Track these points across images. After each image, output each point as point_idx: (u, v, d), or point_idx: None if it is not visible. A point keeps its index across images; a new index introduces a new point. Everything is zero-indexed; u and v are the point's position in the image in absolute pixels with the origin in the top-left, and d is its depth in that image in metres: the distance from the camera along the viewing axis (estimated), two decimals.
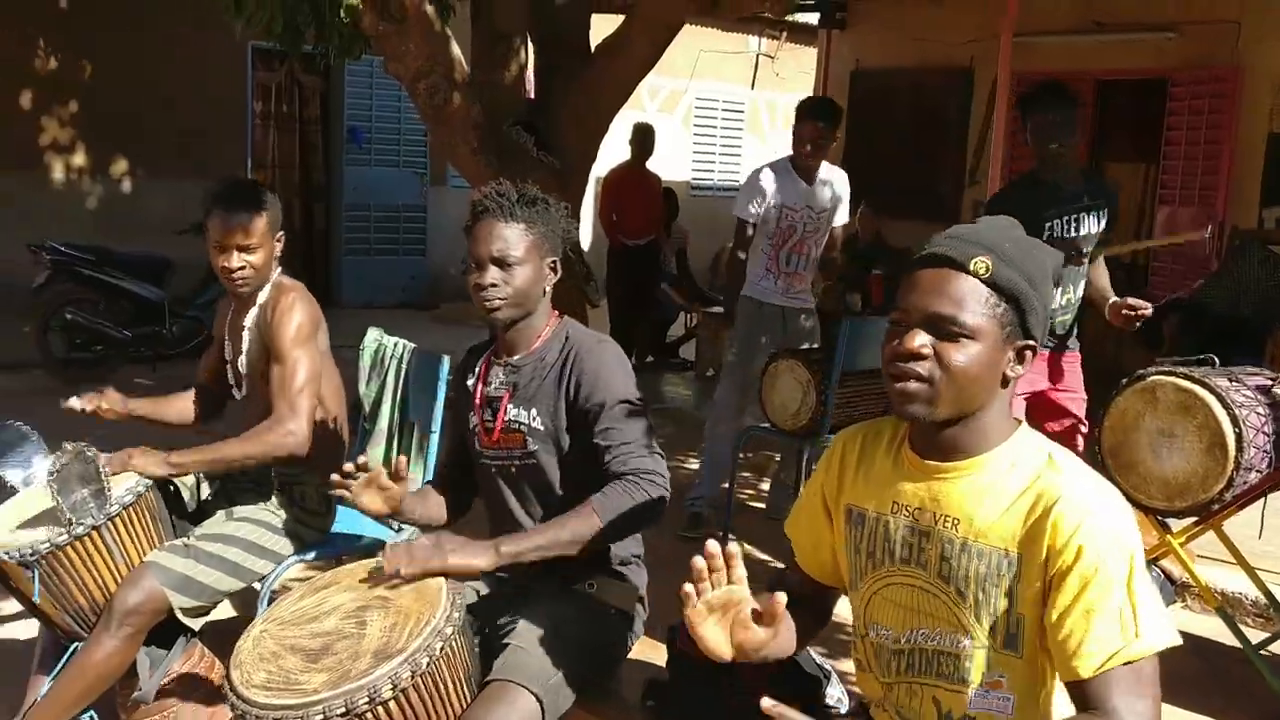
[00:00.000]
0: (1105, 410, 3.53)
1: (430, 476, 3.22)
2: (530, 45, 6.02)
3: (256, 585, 2.92)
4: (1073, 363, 4.02)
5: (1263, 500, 3.61)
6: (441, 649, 1.96)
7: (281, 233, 2.98)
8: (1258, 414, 3.21)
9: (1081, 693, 1.53)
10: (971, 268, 1.59)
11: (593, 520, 2.15)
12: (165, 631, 2.76)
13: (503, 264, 2.29)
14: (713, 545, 1.61)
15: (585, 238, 10.66)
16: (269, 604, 2.86)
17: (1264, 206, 7.47)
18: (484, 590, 2.37)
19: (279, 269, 3.02)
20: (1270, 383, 3.35)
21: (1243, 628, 3.73)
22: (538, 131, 5.84)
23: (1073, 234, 3.78)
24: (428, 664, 1.94)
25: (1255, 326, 6.36)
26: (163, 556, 2.74)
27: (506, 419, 2.34)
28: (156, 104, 9.36)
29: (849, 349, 4.33)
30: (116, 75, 9.29)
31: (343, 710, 1.87)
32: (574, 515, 2.16)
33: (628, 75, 5.95)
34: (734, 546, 1.63)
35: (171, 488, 2.94)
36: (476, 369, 2.46)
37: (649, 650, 2.70)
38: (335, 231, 10.89)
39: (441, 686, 1.99)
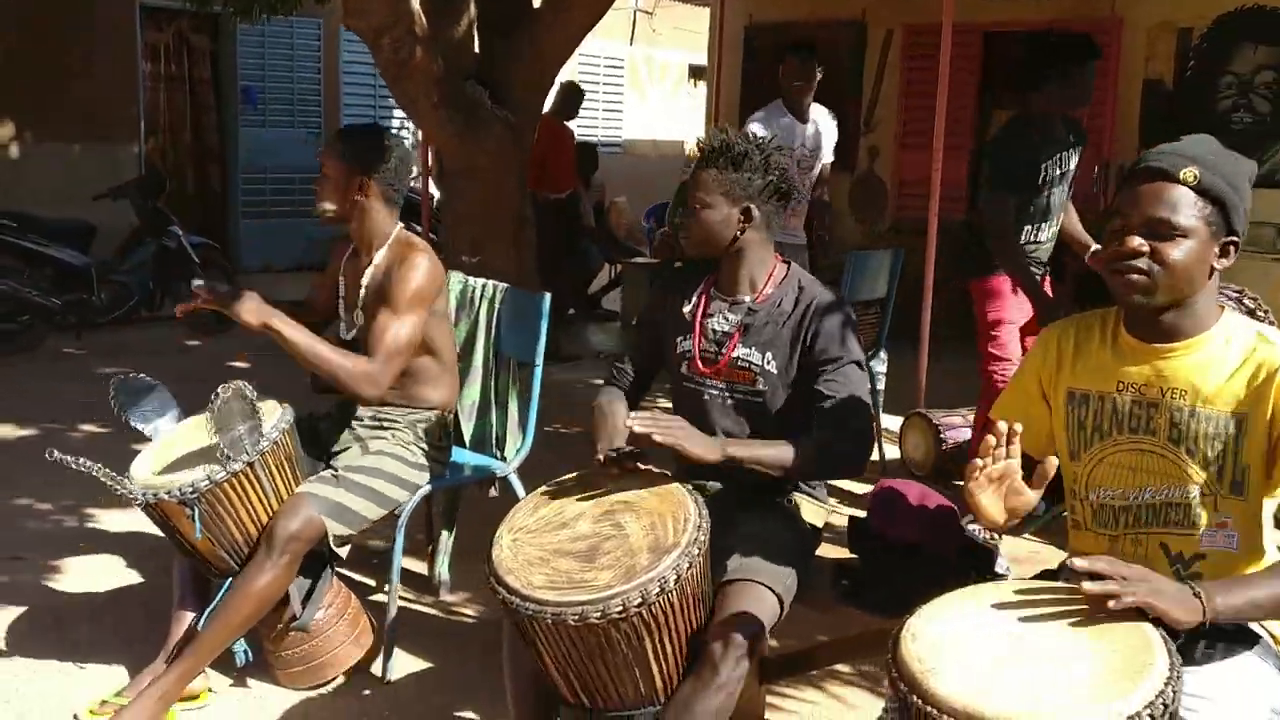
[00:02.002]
0: None
1: (517, 402, 3.41)
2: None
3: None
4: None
5: None
6: (704, 542, 2.18)
7: (370, 181, 3.05)
8: None
9: None
10: (1181, 176, 1.89)
11: (808, 458, 2.38)
12: (306, 563, 2.88)
13: (691, 206, 2.51)
14: (1002, 425, 1.87)
15: None
16: (403, 531, 3.03)
17: (1142, 148, 8.09)
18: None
19: (399, 224, 3.11)
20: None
21: None
22: (490, 86, 5.94)
23: (1060, 171, 4.16)
24: (698, 554, 2.15)
25: None
26: (316, 486, 2.86)
27: (734, 356, 2.53)
28: (45, 67, 8.94)
29: (851, 280, 4.65)
30: (1, 38, 8.83)
31: (639, 601, 2.08)
32: (793, 448, 2.38)
33: (574, 30, 6.11)
34: (1018, 425, 1.89)
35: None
36: (694, 297, 2.63)
37: None
38: (232, 194, 10.63)
39: (700, 578, 2.21)
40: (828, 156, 5.36)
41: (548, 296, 3.32)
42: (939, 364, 5.68)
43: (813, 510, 2.61)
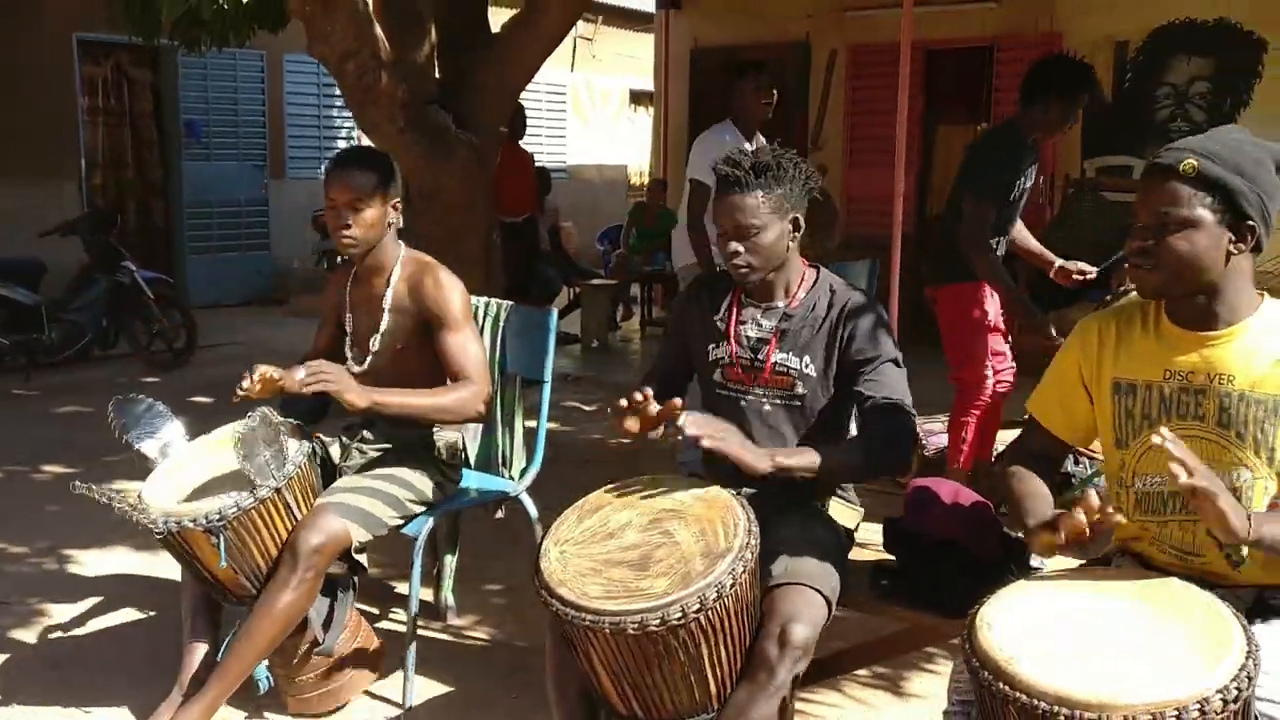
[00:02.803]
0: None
1: (522, 421, 3.40)
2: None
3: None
4: None
5: None
6: (755, 546, 2.18)
7: (399, 200, 3.03)
8: None
9: None
10: (1181, 169, 1.95)
11: (856, 460, 2.42)
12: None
13: (744, 235, 2.48)
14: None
15: None
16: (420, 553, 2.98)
17: (1085, 158, 8.35)
18: None
19: (401, 243, 3.08)
20: None
21: None
22: (452, 110, 5.94)
23: (1027, 185, 4.25)
24: (750, 558, 2.15)
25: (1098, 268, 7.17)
26: (334, 496, 2.83)
27: (774, 361, 2.53)
28: None
29: None
30: None
31: (697, 606, 2.08)
32: (840, 451, 2.41)
33: (534, 53, 6.12)
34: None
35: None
36: (723, 307, 2.63)
37: None
38: (177, 230, 10.46)
39: (751, 582, 2.20)
40: None
41: (554, 313, 3.31)
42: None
43: (844, 512, 2.62)
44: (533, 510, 3.26)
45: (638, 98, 15.07)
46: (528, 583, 2.90)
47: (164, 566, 4.07)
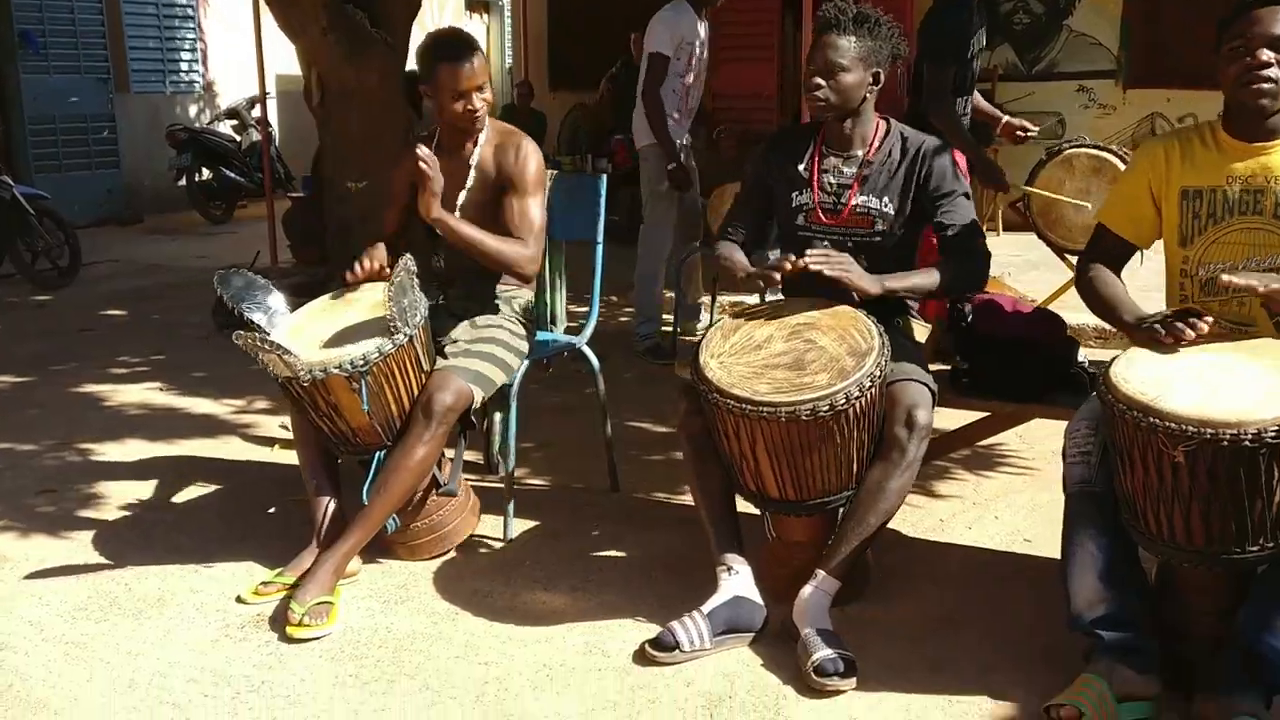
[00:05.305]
0: (1030, 182, 4.57)
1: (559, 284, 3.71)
2: None
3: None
4: None
5: None
6: (889, 345, 2.58)
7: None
8: None
9: None
10: None
11: (946, 279, 2.79)
12: None
13: (830, 73, 2.81)
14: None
15: None
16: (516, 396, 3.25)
17: None
18: None
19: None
20: None
21: None
22: (365, 9, 6.00)
23: (980, 46, 4.72)
24: (888, 354, 2.56)
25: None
26: (456, 361, 3.05)
27: (855, 204, 2.87)
28: None
29: None
30: None
31: (857, 394, 2.49)
32: (936, 272, 2.79)
33: None
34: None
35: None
36: (805, 156, 2.95)
37: None
38: (19, 147, 9.91)
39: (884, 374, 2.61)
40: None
41: (604, 178, 3.58)
42: None
43: (918, 329, 3.04)
44: (594, 361, 3.57)
45: (473, 4, 14.98)
46: (563, 438, 3.17)
47: (189, 449, 4.19)
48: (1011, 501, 3.60)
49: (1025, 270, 6.64)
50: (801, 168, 2.97)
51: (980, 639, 2.69)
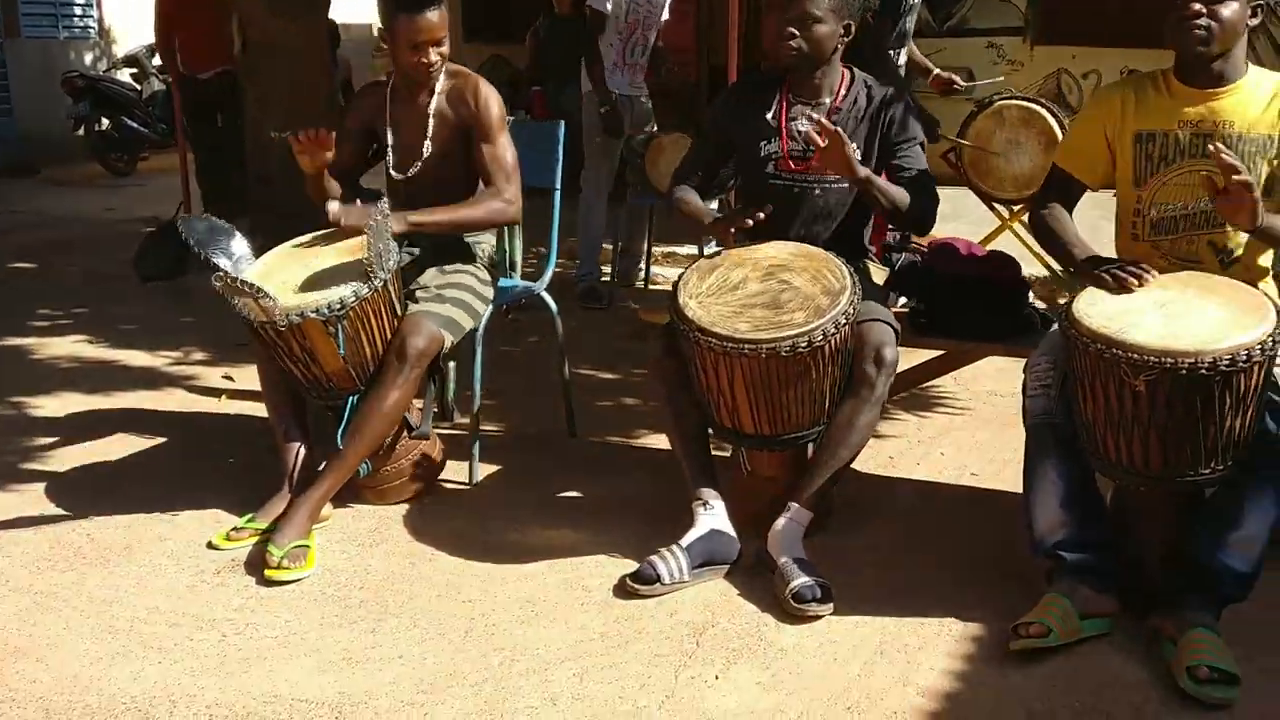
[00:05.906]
0: (961, 134, 4.72)
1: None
2: None
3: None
4: None
5: None
6: (859, 284, 2.68)
7: None
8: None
9: None
10: None
11: (908, 209, 2.87)
12: None
13: (804, 24, 2.86)
14: None
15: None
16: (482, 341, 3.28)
17: None
18: None
19: None
20: None
21: None
22: None
23: (914, 1, 4.84)
24: (859, 293, 2.66)
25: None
26: (426, 306, 3.07)
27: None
28: None
29: None
30: None
31: (833, 330, 2.59)
32: (905, 193, 2.87)
33: None
34: None
35: None
36: (773, 105, 3.00)
37: None
38: None
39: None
40: (666, 14, 5.77)
41: (562, 125, 3.60)
42: None
43: (876, 271, 3.15)
44: (553, 305, 3.61)
45: None
46: (509, 385, 3.38)
47: (131, 402, 4.11)
48: (955, 439, 3.76)
49: (944, 221, 6.80)
50: (770, 116, 3.03)
51: (941, 565, 2.83)
